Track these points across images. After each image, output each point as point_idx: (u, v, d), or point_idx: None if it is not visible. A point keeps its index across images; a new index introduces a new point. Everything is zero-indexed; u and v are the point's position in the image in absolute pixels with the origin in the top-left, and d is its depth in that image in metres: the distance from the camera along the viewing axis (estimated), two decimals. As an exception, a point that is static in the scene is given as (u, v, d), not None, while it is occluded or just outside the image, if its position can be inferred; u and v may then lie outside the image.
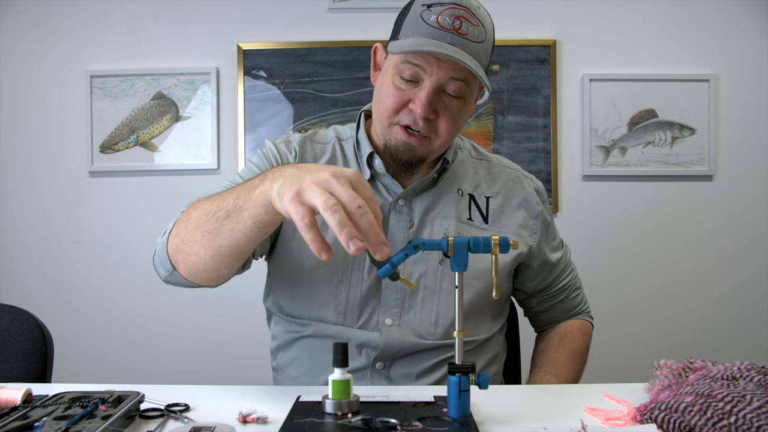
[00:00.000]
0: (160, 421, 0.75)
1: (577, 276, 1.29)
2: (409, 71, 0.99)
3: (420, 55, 0.97)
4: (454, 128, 1.04)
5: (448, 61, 0.96)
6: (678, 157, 2.24)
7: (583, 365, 1.22)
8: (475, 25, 0.98)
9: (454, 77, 0.98)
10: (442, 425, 0.71)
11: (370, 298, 1.06)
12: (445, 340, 1.07)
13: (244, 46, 2.22)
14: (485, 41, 1.00)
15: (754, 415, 0.61)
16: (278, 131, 2.23)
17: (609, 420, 0.73)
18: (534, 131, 2.23)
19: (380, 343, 1.04)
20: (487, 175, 1.18)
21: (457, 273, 0.74)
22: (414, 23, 0.98)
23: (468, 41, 0.96)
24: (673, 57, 2.25)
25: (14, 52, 2.25)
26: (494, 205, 1.14)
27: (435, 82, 0.98)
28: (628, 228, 2.25)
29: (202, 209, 0.87)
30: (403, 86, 1.01)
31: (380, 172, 1.10)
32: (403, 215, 1.09)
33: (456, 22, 0.96)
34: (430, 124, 1.02)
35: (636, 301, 2.25)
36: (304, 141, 1.15)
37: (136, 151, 2.24)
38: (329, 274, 1.06)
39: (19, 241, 2.25)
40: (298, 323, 1.10)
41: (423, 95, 0.99)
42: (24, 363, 1.17)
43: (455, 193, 1.12)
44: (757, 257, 2.26)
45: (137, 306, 2.25)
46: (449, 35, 0.96)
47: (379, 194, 1.10)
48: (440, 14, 0.96)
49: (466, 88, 1.01)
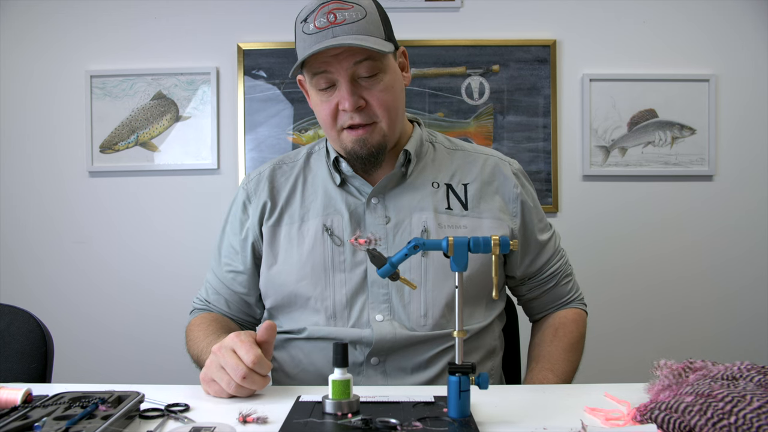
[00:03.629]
0: (160, 421, 0.75)
1: (567, 263, 1.28)
2: (322, 80, 1.06)
3: (319, 62, 1.03)
4: (389, 101, 1.07)
5: (344, 52, 1.02)
6: (678, 157, 2.24)
7: (580, 355, 1.22)
8: (348, 8, 1.03)
9: (358, 60, 1.03)
10: (442, 425, 0.71)
11: (357, 296, 1.09)
12: (437, 331, 1.08)
13: (244, 46, 2.22)
14: (367, 14, 1.04)
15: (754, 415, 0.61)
16: (278, 131, 2.23)
17: (609, 420, 0.73)
18: (534, 131, 2.23)
19: (372, 339, 1.06)
20: (464, 163, 1.19)
21: (457, 273, 0.74)
22: (301, 41, 1.06)
23: (348, 25, 1.02)
24: (673, 57, 2.25)
25: (14, 52, 2.25)
26: (472, 191, 1.15)
27: (345, 75, 1.04)
28: (628, 228, 2.25)
29: (189, 345, 1.16)
30: (326, 96, 1.07)
31: (349, 175, 1.14)
32: (378, 212, 1.12)
33: (330, 17, 1.02)
34: (366, 111, 1.07)
35: (636, 301, 2.25)
36: (273, 172, 1.21)
37: (136, 151, 2.24)
38: (313, 283, 1.10)
39: (18, 241, 2.25)
40: (293, 330, 1.14)
41: (343, 91, 1.04)
42: (24, 363, 1.17)
43: (430, 187, 1.15)
44: (757, 257, 2.26)
45: (137, 306, 2.24)
46: (329, 31, 1.02)
47: (351, 196, 1.14)
48: (315, 20, 1.03)
49: (375, 62, 1.04)
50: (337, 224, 1.11)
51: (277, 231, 1.14)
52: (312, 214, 1.13)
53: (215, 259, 1.23)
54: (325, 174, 1.17)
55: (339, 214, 1.12)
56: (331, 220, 1.12)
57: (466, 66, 2.22)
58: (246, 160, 2.23)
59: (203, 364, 0.92)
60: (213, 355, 0.89)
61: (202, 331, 1.12)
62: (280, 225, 1.14)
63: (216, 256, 1.23)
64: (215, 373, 0.87)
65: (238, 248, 1.18)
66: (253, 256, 1.17)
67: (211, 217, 2.19)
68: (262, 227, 1.15)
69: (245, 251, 1.17)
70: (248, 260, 1.17)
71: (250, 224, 1.17)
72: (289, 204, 1.16)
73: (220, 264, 1.21)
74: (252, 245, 1.17)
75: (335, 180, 1.15)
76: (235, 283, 1.19)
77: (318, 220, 1.12)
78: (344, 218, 1.11)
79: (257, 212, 1.16)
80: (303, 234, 1.12)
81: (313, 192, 1.16)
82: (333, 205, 1.13)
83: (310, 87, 1.10)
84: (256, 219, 1.16)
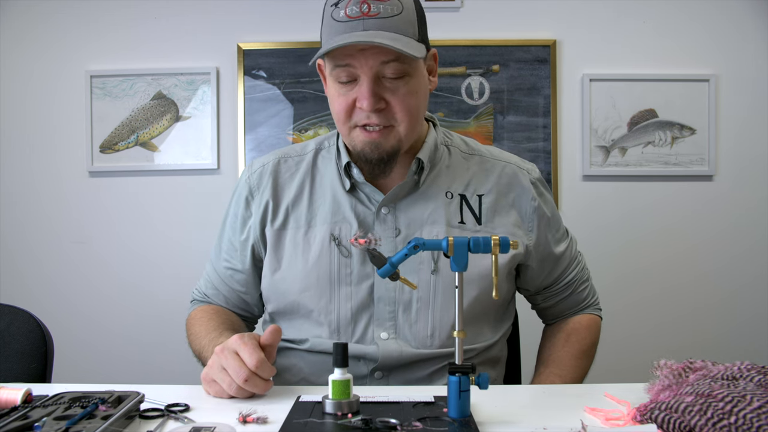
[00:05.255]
0: (160, 421, 0.75)
1: (584, 268, 1.25)
2: (343, 73, 0.99)
3: (344, 54, 0.96)
4: (412, 107, 1.01)
5: (371, 48, 0.94)
6: (678, 157, 2.24)
7: (590, 362, 1.20)
8: (384, 0, 0.95)
9: (385, 60, 0.96)
10: (442, 425, 0.71)
11: (362, 313, 1.06)
12: (444, 349, 1.06)
13: (244, 46, 2.22)
14: (404, 10, 0.97)
15: (754, 415, 0.61)
16: (278, 131, 2.23)
17: (609, 420, 0.73)
18: (534, 131, 2.23)
19: (377, 356, 1.04)
20: (480, 170, 1.13)
21: (457, 273, 0.74)
22: (328, 26, 0.98)
23: (381, 19, 0.95)
24: (673, 57, 2.24)
25: (14, 52, 2.25)
26: (487, 204, 1.10)
27: (369, 73, 0.97)
28: (628, 228, 2.25)
29: (190, 339, 1.14)
30: (344, 89, 1.00)
31: (360, 181, 1.08)
32: (388, 224, 1.07)
33: (364, 7, 0.95)
34: (384, 114, 1.00)
35: (636, 301, 2.25)
36: (278, 166, 1.15)
37: (136, 151, 2.24)
38: (317, 295, 1.06)
39: (18, 241, 2.25)
40: (294, 340, 1.12)
41: (364, 89, 0.97)
42: (24, 363, 1.17)
43: (444, 197, 1.09)
44: (757, 257, 2.26)
45: (137, 306, 2.24)
46: (360, 22, 0.94)
47: (361, 204, 1.09)
48: (347, 6, 0.95)
49: (403, 65, 0.97)
50: (345, 233, 1.07)
51: (283, 235, 1.10)
52: (319, 220, 1.09)
53: (215, 253, 1.20)
54: (334, 176, 1.11)
55: (347, 222, 1.07)
56: (339, 229, 1.07)
57: (466, 66, 2.22)
58: (246, 160, 2.23)
59: (205, 361, 0.92)
60: (215, 356, 0.88)
61: (204, 326, 1.10)
62: (285, 228, 1.10)
63: (216, 250, 1.20)
64: (217, 374, 0.86)
65: (238, 247, 1.15)
66: (252, 257, 1.14)
67: (211, 217, 2.19)
68: (264, 229, 1.12)
69: (245, 251, 1.14)
70: (247, 261, 1.15)
71: (252, 223, 1.13)
72: (296, 206, 1.11)
73: (219, 258, 1.18)
74: (252, 247, 1.13)
75: (345, 185, 1.09)
76: (233, 281, 1.17)
77: (325, 228, 1.07)
78: (353, 227, 1.07)
79: (260, 211, 1.12)
80: (309, 241, 1.08)
81: (322, 195, 1.11)
82: (341, 213, 1.08)
83: (329, 76, 1.02)
84: (258, 219, 1.12)
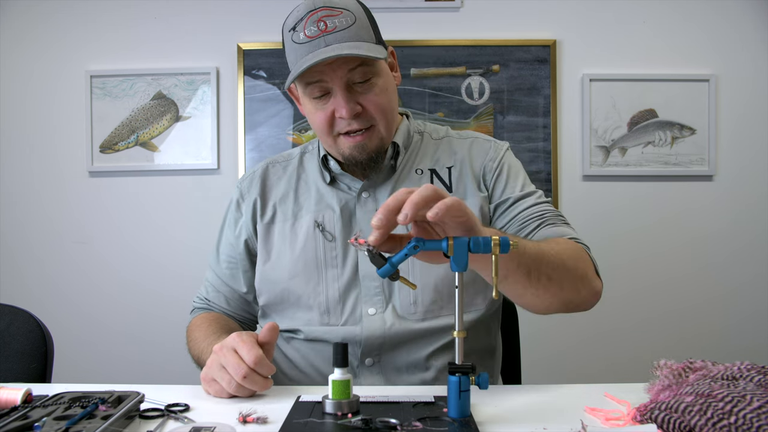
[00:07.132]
0: (160, 421, 0.75)
1: (559, 215, 1.11)
2: (316, 89, 1.05)
3: (313, 71, 1.02)
4: (385, 104, 1.08)
5: (337, 60, 1.01)
6: (678, 157, 2.24)
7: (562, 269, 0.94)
8: (337, 14, 1.02)
9: (351, 67, 1.03)
10: (442, 425, 0.71)
11: (349, 291, 1.09)
12: (428, 321, 1.06)
13: (244, 46, 2.22)
14: (357, 19, 1.03)
15: (754, 415, 0.61)
16: (278, 131, 2.23)
17: (609, 420, 0.73)
18: (534, 131, 2.23)
19: (362, 337, 1.06)
20: (448, 149, 1.19)
21: (457, 273, 0.74)
22: (292, 51, 1.04)
23: (339, 32, 1.01)
24: (672, 57, 2.25)
25: (14, 52, 2.25)
26: (456, 174, 1.15)
27: (340, 83, 1.03)
28: (628, 228, 2.25)
29: (190, 345, 1.16)
30: (321, 104, 1.07)
31: (338, 172, 1.15)
32: (369, 206, 1.13)
33: (321, 25, 1.01)
34: (363, 116, 1.06)
35: (636, 301, 2.25)
36: (266, 170, 1.23)
37: (136, 151, 2.24)
38: (305, 280, 1.11)
39: (18, 241, 2.25)
40: (286, 330, 1.14)
41: (339, 99, 1.04)
42: (24, 363, 1.17)
43: (414, 174, 1.15)
44: (757, 257, 2.26)
45: (137, 306, 2.24)
46: (321, 40, 1.01)
47: (342, 192, 1.15)
48: (305, 29, 1.02)
49: (369, 68, 1.04)
50: (329, 219, 1.13)
51: (271, 228, 1.17)
52: (305, 211, 1.15)
53: (214, 258, 1.25)
54: (317, 173, 1.18)
55: (330, 209, 1.14)
56: (322, 216, 1.13)
57: (466, 66, 2.22)
58: (246, 160, 2.23)
59: (204, 365, 0.92)
60: (214, 355, 0.89)
61: (203, 331, 1.13)
62: (274, 222, 1.17)
63: (215, 255, 1.25)
64: (216, 372, 0.87)
65: (235, 246, 1.21)
66: (248, 253, 1.20)
67: (211, 217, 2.19)
68: (256, 225, 1.18)
69: (240, 249, 1.20)
70: (244, 258, 1.20)
71: (244, 222, 1.19)
72: (283, 202, 1.18)
73: (218, 262, 1.23)
74: (245, 242, 1.19)
75: (325, 178, 1.16)
76: (233, 281, 1.22)
77: (310, 216, 1.14)
78: (335, 213, 1.13)
79: (249, 210, 1.19)
80: (296, 231, 1.14)
81: (306, 190, 1.18)
82: (324, 201, 1.15)
83: (303, 95, 1.10)
84: (249, 216, 1.19)
